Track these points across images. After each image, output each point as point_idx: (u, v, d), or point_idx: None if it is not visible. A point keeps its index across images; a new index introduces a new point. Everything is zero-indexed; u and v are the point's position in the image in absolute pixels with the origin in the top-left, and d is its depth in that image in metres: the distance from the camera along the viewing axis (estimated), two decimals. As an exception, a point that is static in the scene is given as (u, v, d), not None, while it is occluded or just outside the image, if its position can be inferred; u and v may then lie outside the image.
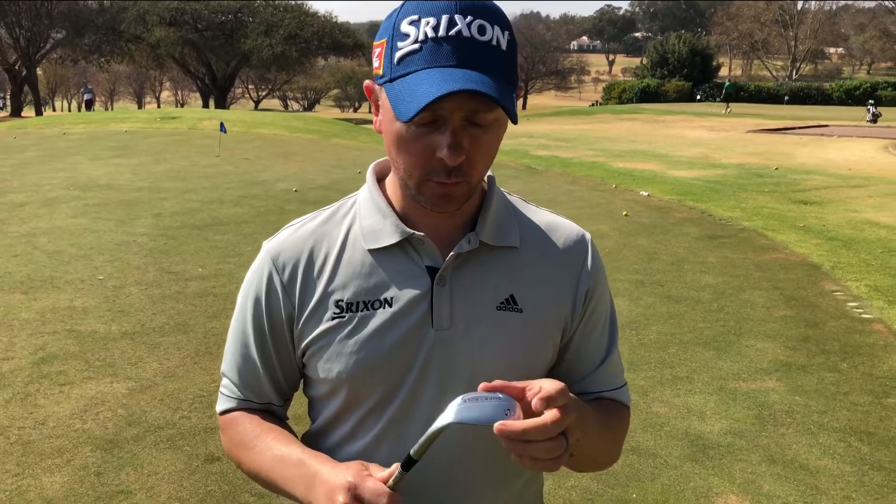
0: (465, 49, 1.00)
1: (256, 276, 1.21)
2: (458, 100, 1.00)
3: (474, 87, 0.98)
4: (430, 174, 1.06)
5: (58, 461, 3.56)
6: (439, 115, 1.02)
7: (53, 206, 9.38)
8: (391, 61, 1.04)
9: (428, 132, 1.04)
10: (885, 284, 6.73)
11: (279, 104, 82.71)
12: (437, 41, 1.01)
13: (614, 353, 1.29)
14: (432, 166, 1.05)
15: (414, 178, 1.08)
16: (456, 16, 1.01)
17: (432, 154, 1.05)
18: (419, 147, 1.05)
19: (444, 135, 1.03)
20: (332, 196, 10.35)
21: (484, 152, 1.07)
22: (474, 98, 1.00)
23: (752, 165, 15.30)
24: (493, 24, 1.03)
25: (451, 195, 1.08)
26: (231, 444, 1.25)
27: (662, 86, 54.41)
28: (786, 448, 3.84)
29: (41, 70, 57.79)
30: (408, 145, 1.06)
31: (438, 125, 1.04)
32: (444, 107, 1.01)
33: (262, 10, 49.36)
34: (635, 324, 5.65)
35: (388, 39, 1.05)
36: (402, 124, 1.05)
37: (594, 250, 1.27)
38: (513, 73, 1.05)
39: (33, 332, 5.21)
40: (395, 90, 1.03)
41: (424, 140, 1.05)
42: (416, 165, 1.07)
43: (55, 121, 23.92)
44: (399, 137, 1.07)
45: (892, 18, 71.73)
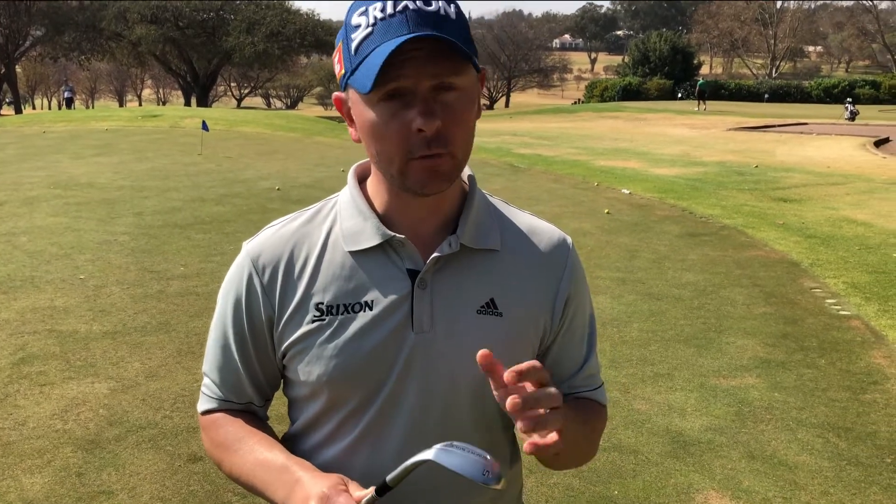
0: (414, 18, 1.02)
1: (236, 276, 1.21)
2: (418, 65, 1.01)
3: (424, 33, 1.00)
4: (411, 152, 1.06)
5: (38, 462, 3.54)
6: (404, 86, 1.03)
7: (33, 205, 9.30)
8: (349, 55, 1.06)
9: (398, 109, 1.04)
10: (863, 281, 6.82)
11: (262, 102, 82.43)
12: (386, 19, 1.03)
13: (593, 358, 1.31)
14: (411, 142, 1.05)
15: (396, 163, 1.08)
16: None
17: (408, 130, 1.04)
18: (394, 127, 1.05)
19: (415, 106, 1.04)
20: (314, 194, 10.32)
21: (459, 121, 1.07)
22: (434, 61, 1.02)
23: (733, 163, 15.42)
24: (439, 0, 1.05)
25: (437, 170, 1.07)
26: (212, 444, 1.24)
27: (644, 84, 54.72)
28: (765, 444, 3.88)
29: (20, 68, 57.20)
30: (382, 129, 1.06)
31: (407, 99, 1.04)
32: (405, 74, 1.02)
33: (243, 7, 49.13)
34: (617, 321, 5.69)
35: (343, 39, 1.08)
36: (373, 112, 1.06)
37: (575, 255, 1.27)
38: (467, 38, 1.06)
39: (13, 332, 5.17)
40: (359, 75, 1.04)
41: (397, 119, 1.05)
42: (395, 147, 1.06)
43: (35, 119, 23.71)
44: (373, 125, 1.07)
45: (869, 17, 72.45)
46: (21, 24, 45.49)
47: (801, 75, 79.11)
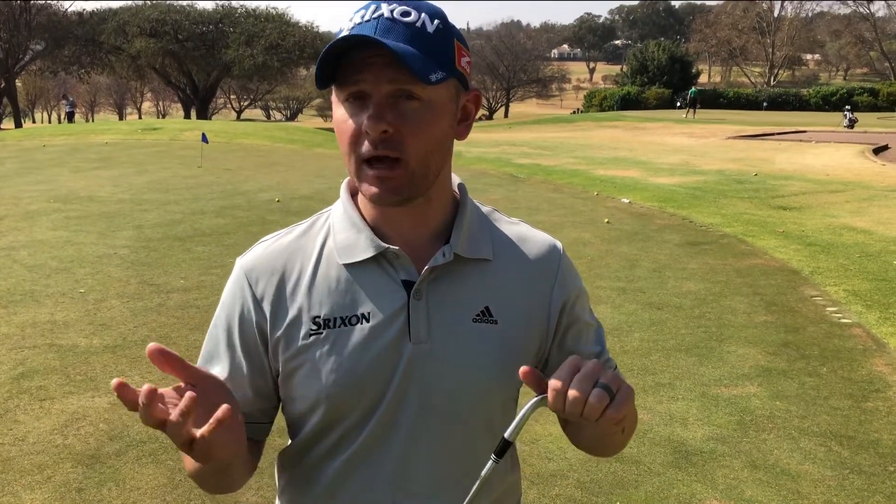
0: (383, 25, 1.04)
1: (230, 293, 1.21)
2: (377, 70, 1.03)
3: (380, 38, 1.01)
4: (360, 154, 1.07)
5: (38, 478, 3.53)
6: (363, 89, 1.05)
7: (33, 219, 9.31)
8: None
9: (356, 110, 1.07)
10: (863, 289, 6.81)
11: (261, 114, 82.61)
12: (361, 23, 1.05)
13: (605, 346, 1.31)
14: (359, 141, 1.07)
15: (352, 165, 1.10)
16: (382, 3, 1.06)
17: (360, 130, 1.06)
18: (350, 126, 1.07)
19: (368, 106, 1.05)
20: (314, 206, 10.33)
21: (416, 130, 1.06)
22: (395, 68, 1.02)
23: (732, 172, 15.43)
24: (421, 12, 1.06)
25: (388, 182, 1.07)
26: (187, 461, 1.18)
27: (643, 93, 54.80)
28: (767, 453, 3.87)
29: (20, 82, 57.36)
30: (342, 127, 1.08)
31: (366, 103, 1.06)
32: (365, 78, 1.04)
33: (243, 20, 49.25)
34: (618, 331, 5.68)
35: None
36: (338, 112, 1.09)
37: (566, 259, 1.28)
38: (442, 54, 1.06)
39: (13, 346, 5.16)
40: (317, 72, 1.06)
41: (353, 119, 1.07)
42: (348, 144, 1.08)
43: (35, 133, 23.76)
44: (337, 123, 1.10)
45: (866, 25, 72.66)
46: (21, 38, 45.63)
47: (800, 83, 79.33)
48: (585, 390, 0.99)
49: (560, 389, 1.00)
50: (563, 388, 1.00)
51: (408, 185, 1.09)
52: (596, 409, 0.99)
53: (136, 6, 49.00)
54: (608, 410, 0.99)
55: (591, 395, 0.99)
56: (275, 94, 74.21)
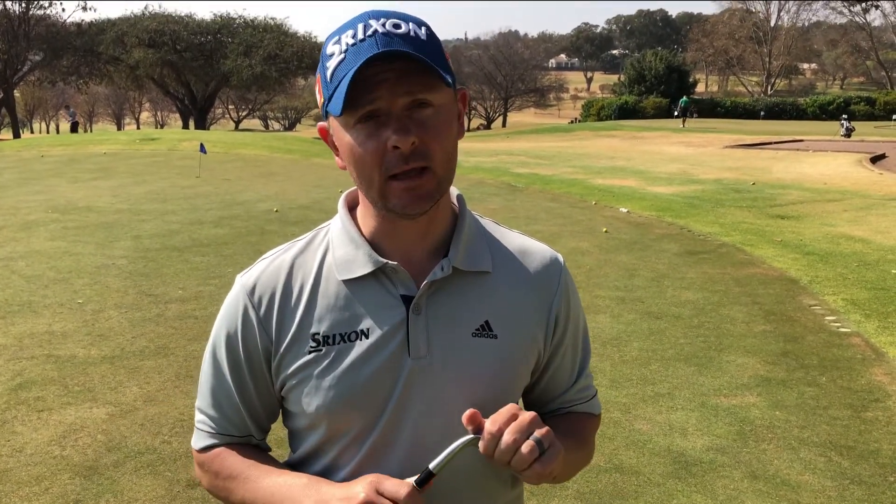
0: (384, 39, 1.05)
1: (231, 310, 1.21)
2: (390, 85, 1.03)
3: (389, 49, 1.02)
4: (388, 169, 1.07)
5: (36, 489, 3.52)
6: (378, 107, 1.05)
7: (31, 230, 9.30)
8: (326, 83, 1.08)
9: (374, 129, 1.06)
10: (862, 298, 6.81)
11: (259, 124, 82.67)
12: (357, 44, 1.05)
13: (585, 373, 1.34)
14: (387, 161, 1.06)
15: (375, 184, 1.09)
16: (370, 20, 1.07)
17: (384, 148, 1.06)
18: (371, 147, 1.06)
19: (389, 125, 1.05)
20: (313, 216, 10.34)
21: (437, 135, 1.07)
22: (406, 79, 1.03)
23: (730, 181, 15.46)
24: (408, 22, 1.08)
25: (418, 189, 1.08)
26: (217, 478, 1.23)
27: (640, 102, 54.96)
28: (767, 464, 3.86)
29: (19, 92, 57.41)
30: (360, 151, 1.07)
31: (382, 120, 1.06)
32: (379, 95, 1.04)
33: (241, 30, 49.36)
34: (616, 341, 5.67)
35: (321, 69, 1.10)
36: (350, 136, 1.07)
37: (567, 274, 1.28)
38: (439, 57, 1.08)
39: (10, 357, 5.15)
40: (335, 99, 1.05)
41: (373, 139, 1.06)
42: (372, 166, 1.07)
43: (33, 143, 23.76)
44: (352, 149, 1.08)
45: (863, 34, 72.96)
46: (19, 48, 45.69)
47: (797, 92, 79.47)
48: (518, 441, 1.03)
49: (493, 434, 1.05)
50: (496, 433, 1.05)
51: (435, 190, 1.11)
52: (524, 460, 1.03)
53: (134, 17, 49.13)
54: (535, 464, 1.04)
55: (522, 445, 1.03)
56: (273, 105, 74.34)
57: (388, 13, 1.08)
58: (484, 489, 1.21)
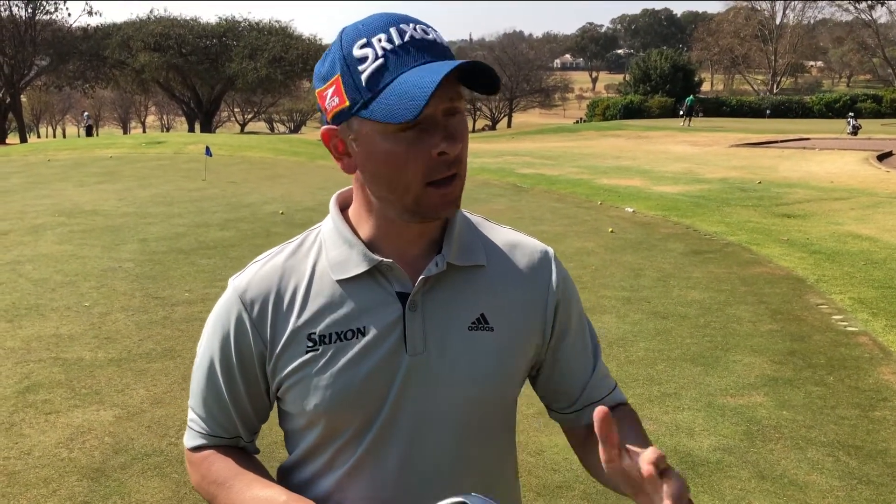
0: (426, 46, 1.05)
1: (224, 313, 1.20)
2: (439, 93, 1.03)
3: (466, 63, 1.03)
4: (430, 175, 1.07)
5: (44, 491, 3.53)
6: (425, 113, 1.04)
7: (38, 233, 9.33)
8: (357, 87, 1.05)
9: (418, 135, 1.05)
10: (869, 297, 6.78)
11: (265, 127, 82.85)
12: (398, 49, 1.04)
13: (601, 361, 1.33)
14: (430, 167, 1.07)
15: (413, 191, 1.08)
16: (401, 25, 1.06)
17: (429, 155, 1.06)
18: (414, 154, 1.06)
19: (434, 133, 1.05)
20: (318, 218, 10.26)
21: (465, 142, 1.10)
22: (445, 87, 1.03)
23: (736, 180, 15.43)
24: (429, 28, 1.09)
25: (451, 195, 1.10)
26: (204, 481, 1.23)
27: (645, 102, 54.87)
28: (775, 464, 3.85)
29: (25, 97, 57.67)
30: (400, 159, 1.06)
31: (424, 126, 1.05)
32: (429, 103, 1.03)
33: (246, 33, 49.55)
34: (623, 340, 5.67)
35: (344, 71, 1.06)
36: (389, 143, 1.06)
37: (558, 264, 1.29)
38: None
39: (18, 360, 5.17)
40: (381, 106, 1.03)
41: (417, 145, 1.05)
42: (415, 173, 1.07)
43: (40, 147, 23.86)
44: (390, 155, 1.07)
45: (869, 31, 72.68)
46: (26, 53, 45.91)
47: (803, 90, 79.38)
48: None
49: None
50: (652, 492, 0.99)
51: (461, 194, 1.13)
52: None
53: (139, 21, 49.35)
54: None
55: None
56: (278, 107, 74.51)
57: (409, 17, 1.08)
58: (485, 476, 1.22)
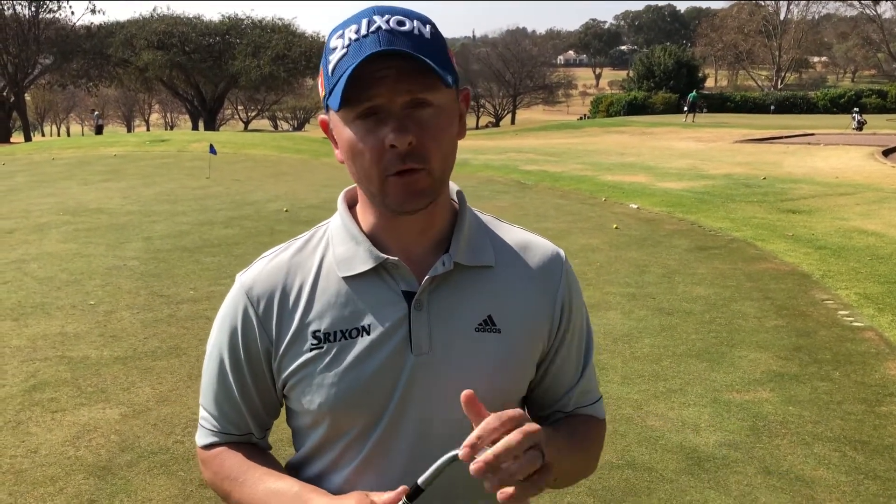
0: (386, 37, 1.04)
1: (231, 309, 1.21)
2: (391, 82, 1.03)
3: (390, 48, 1.02)
4: (386, 168, 1.06)
5: (50, 489, 3.54)
6: (378, 104, 1.04)
7: (43, 232, 9.35)
8: (328, 77, 1.08)
9: (373, 126, 1.06)
10: (875, 292, 6.77)
11: (269, 125, 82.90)
12: (360, 39, 1.05)
13: (588, 372, 1.31)
14: (386, 159, 1.06)
15: (374, 181, 1.08)
16: (374, 16, 1.06)
17: (382, 146, 1.05)
18: (369, 143, 1.06)
19: (388, 123, 1.05)
20: (323, 215, 10.29)
21: (435, 136, 1.07)
22: (407, 78, 1.03)
23: (741, 175, 15.39)
24: (413, 19, 1.07)
25: (414, 186, 1.08)
26: (217, 477, 1.24)
27: (649, 98, 54.72)
28: (781, 459, 3.84)
29: (29, 96, 57.77)
30: (359, 147, 1.07)
31: (381, 117, 1.05)
32: (379, 92, 1.03)
33: (249, 31, 49.54)
34: (628, 337, 5.66)
35: (323, 63, 1.10)
36: (349, 131, 1.07)
37: (569, 268, 1.27)
38: (442, 57, 1.07)
39: (24, 358, 5.18)
40: (336, 93, 1.04)
41: (371, 135, 1.06)
42: (371, 163, 1.07)
43: (44, 146, 23.91)
44: (350, 143, 1.08)
45: (873, 26, 72.44)
46: (30, 52, 45.97)
47: (807, 86, 79.11)
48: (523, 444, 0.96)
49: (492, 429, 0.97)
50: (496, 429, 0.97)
51: (432, 188, 1.10)
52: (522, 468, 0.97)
53: (143, 19, 49.38)
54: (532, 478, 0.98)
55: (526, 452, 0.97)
56: (282, 105, 74.51)
57: (394, 9, 1.08)
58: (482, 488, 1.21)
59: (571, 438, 1.22)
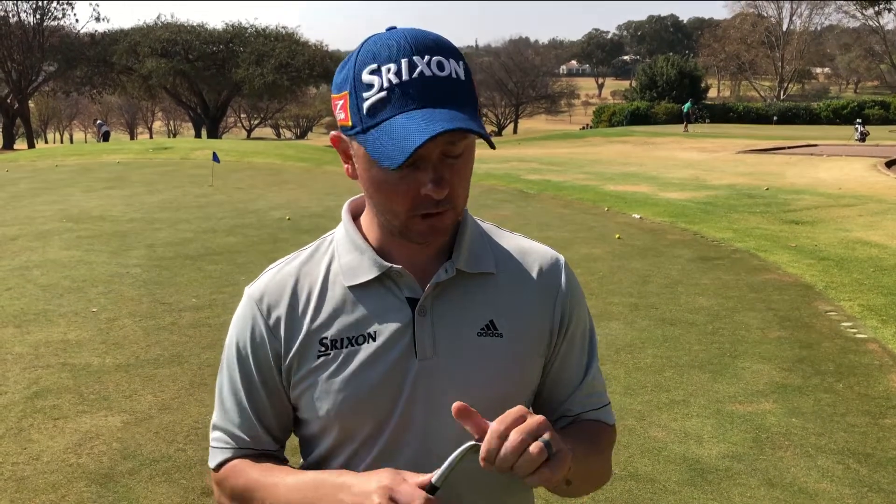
0: (431, 88, 1.03)
1: (241, 322, 1.23)
2: (436, 138, 1.02)
3: (455, 126, 1.00)
4: (416, 209, 1.08)
5: (52, 497, 3.53)
6: (419, 154, 1.04)
7: (46, 239, 9.36)
8: (359, 112, 1.06)
9: (408, 173, 1.06)
10: (879, 303, 6.75)
11: (271, 133, 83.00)
12: (403, 86, 1.03)
13: (593, 373, 1.31)
14: (418, 203, 1.08)
15: (401, 217, 1.10)
16: (414, 58, 1.03)
17: (417, 192, 1.07)
18: (403, 188, 1.07)
19: (426, 172, 1.06)
20: (325, 223, 10.36)
21: (463, 179, 1.10)
22: (450, 132, 1.02)
23: (743, 186, 15.39)
24: (449, 59, 1.06)
25: (439, 226, 1.11)
26: (234, 491, 1.23)
27: (652, 108, 54.78)
28: (784, 471, 3.83)
29: (33, 103, 57.94)
30: (389, 189, 1.08)
31: (417, 164, 1.06)
32: (424, 147, 1.02)
33: (252, 39, 49.66)
34: (631, 347, 5.65)
35: (351, 92, 1.07)
36: (380, 170, 1.07)
37: (568, 272, 1.29)
38: (474, 99, 1.08)
39: (27, 366, 5.18)
40: (374, 140, 1.04)
41: (406, 181, 1.07)
42: (401, 206, 1.09)
43: (47, 153, 23.96)
44: (380, 183, 1.09)
45: (876, 38, 72.55)
46: (34, 59, 46.15)
47: (810, 97, 79.13)
48: (525, 441, 0.97)
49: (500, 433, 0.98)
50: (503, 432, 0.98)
51: (453, 224, 1.14)
52: (533, 461, 0.97)
53: (146, 27, 49.54)
54: (544, 468, 0.98)
55: (530, 447, 0.97)
56: (285, 113, 74.72)
57: (428, 43, 1.05)
58: (495, 490, 1.22)
59: (583, 440, 1.21)
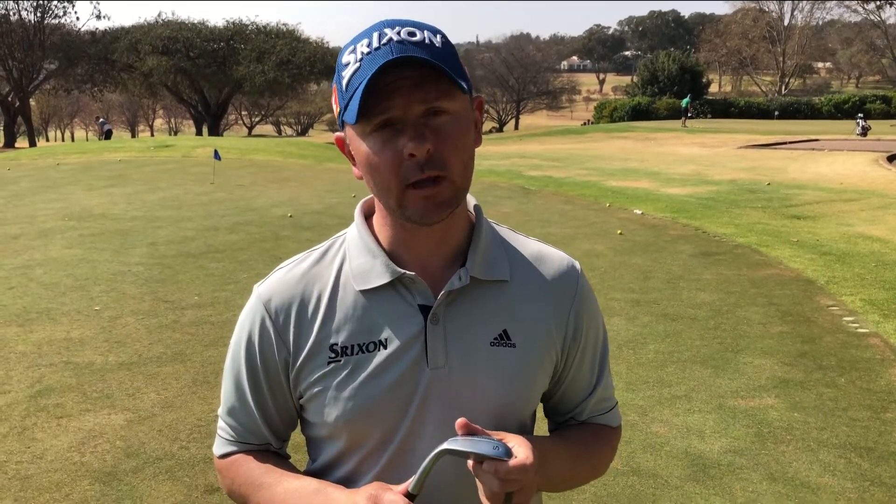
0: (399, 47, 1.04)
1: (248, 320, 1.21)
2: (406, 93, 1.03)
3: (406, 54, 1.01)
4: (405, 178, 1.06)
5: (56, 495, 3.54)
6: (394, 116, 1.04)
7: (48, 237, 9.37)
8: (342, 92, 1.08)
9: (390, 137, 1.05)
10: (880, 298, 6.75)
11: (273, 130, 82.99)
12: (372, 52, 1.04)
13: (604, 383, 1.31)
14: (404, 168, 1.05)
15: (393, 192, 1.08)
16: (385, 29, 1.06)
17: (400, 157, 1.05)
18: (386, 155, 1.06)
19: (405, 133, 1.04)
20: (326, 221, 10.37)
21: (453, 143, 1.07)
22: (422, 87, 1.03)
23: (745, 181, 15.38)
24: (423, 30, 1.07)
25: (436, 198, 1.07)
26: (234, 484, 1.24)
27: (653, 103, 54.74)
28: (786, 466, 3.84)
29: (34, 101, 57.95)
30: (376, 159, 1.07)
31: (398, 128, 1.05)
32: (394, 104, 1.03)
33: (253, 36, 49.64)
34: (632, 343, 5.65)
35: (337, 79, 1.10)
36: (366, 144, 1.07)
37: (584, 281, 1.27)
38: (456, 65, 1.07)
39: (30, 364, 5.19)
40: (348, 109, 1.05)
41: (388, 146, 1.05)
42: (390, 174, 1.06)
43: (49, 151, 23.96)
44: (367, 157, 1.08)
45: (877, 32, 72.42)
46: (35, 57, 46.15)
47: (811, 92, 79.11)
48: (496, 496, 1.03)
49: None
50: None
51: (453, 198, 1.10)
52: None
53: (147, 24, 49.53)
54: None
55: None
56: (286, 110, 74.72)
57: (404, 21, 1.07)
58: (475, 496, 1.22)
59: (575, 446, 1.24)
